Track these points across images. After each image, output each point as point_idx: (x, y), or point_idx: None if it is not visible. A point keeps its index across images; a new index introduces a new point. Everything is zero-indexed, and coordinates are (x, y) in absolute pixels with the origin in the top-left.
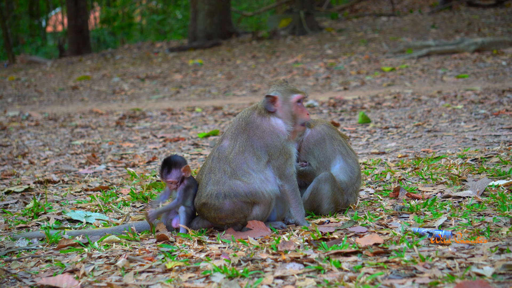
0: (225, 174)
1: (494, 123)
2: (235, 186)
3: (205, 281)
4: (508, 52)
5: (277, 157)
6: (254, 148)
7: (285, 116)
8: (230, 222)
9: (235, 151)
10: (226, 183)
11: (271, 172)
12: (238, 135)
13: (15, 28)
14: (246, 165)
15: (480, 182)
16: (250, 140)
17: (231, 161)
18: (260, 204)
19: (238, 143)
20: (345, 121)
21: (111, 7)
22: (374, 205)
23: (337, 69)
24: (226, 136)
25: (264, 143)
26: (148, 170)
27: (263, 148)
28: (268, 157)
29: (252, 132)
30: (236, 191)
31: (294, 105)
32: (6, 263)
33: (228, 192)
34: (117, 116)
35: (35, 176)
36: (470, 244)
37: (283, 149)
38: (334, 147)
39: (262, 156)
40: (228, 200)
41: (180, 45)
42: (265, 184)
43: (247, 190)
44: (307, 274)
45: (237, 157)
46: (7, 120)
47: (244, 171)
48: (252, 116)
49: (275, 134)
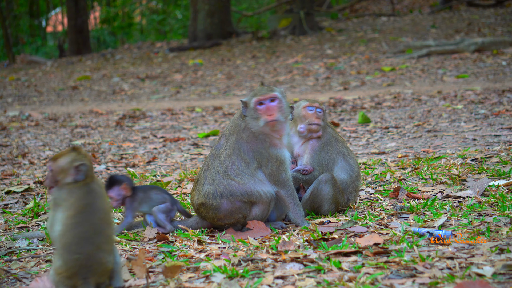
0: (218, 173)
1: (494, 123)
2: (229, 186)
3: (205, 281)
4: (508, 52)
5: (266, 164)
6: (241, 152)
7: (252, 119)
8: (229, 222)
9: (226, 153)
10: (221, 182)
11: (263, 176)
12: (230, 136)
13: (15, 28)
14: (236, 167)
15: (480, 182)
16: (237, 143)
17: (222, 162)
18: (258, 204)
19: (229, 144)
20: (345, 121)
21: (111, 7)
22: (374, 205)
23: (337, 69)
24: (224, 134)
25: (250, 147)
26: (148, 170)
27: (251, 153)
28: (257, 163)
29: (239, 135)
30: (232, 191)
31: (255, 108)
32: (6, 263)
33: (224, 192)
34: (117, 116)
35: (35, 176)
36: (470, 244)
37: (269, 156)
38: (339, 148)
39: (250, 161)
40: (225, 200)
41: (180, 45)
42: (260, 185)
43: (242, 190)
44: (307, 274)
45: (227, 158)
46: (7, 120)
47: (235, 172)
48: (239, 119)
49: (261, 140)
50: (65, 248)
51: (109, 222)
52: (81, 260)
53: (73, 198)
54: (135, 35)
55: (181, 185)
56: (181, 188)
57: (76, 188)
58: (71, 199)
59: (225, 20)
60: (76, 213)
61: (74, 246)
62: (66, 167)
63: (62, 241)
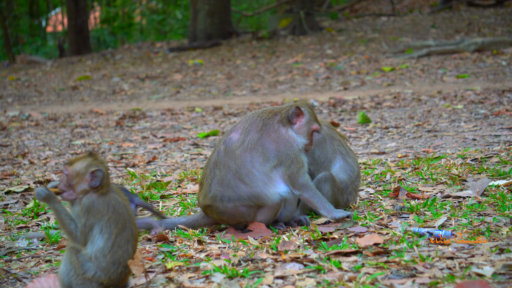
0: (229, 171)
1: (494, 123)
2: (238, 189)
3: (205, 281)
4: (508, 52)
5: (289, 166)
6: (264, 149)
7: (300, 134)
8: (233, 223)
9: (243, 147)
10: (230, 184)
11: (278, 177)
12: (251, 132)
13: (15, 28)
14: (251, 164)
15: (480, 182)
16: (262, 140)
17: (237, 157)
18: (265, 208)
19: (248, 139)
20: (345, 121)
21: (111, 7)
22: (374, 205)
23: (337, 69)
24: (236, 129)
25: (276, 147)
26: (148, 170)
27: (274, 152)
28: (277, 162)
29: (267, 133)
30: (240, 194)
31: (310, 132)
32: (6, 263)
33: (232, 196)
34: (117, 116)
35: (35, 176)
36: (470, 244)
37: (295, 158)
38: (334, 147)
39: (271, 159)
40: (231, 203)
41: (180, 45)
42: (268, 187)
43: (249, 193)
44: (307, 274)
45: (244, 153)
46: (7, 120)
47: (248, 170)
48: (273, 120)
49: (290, 143)
50: (114, 263)
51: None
52: (123, 273)
53: (110, 212)
54: (135, 35)
55: (181, 185)
56: (181, 188)
57: (110, 199)
58: (109, 213)
59: (225, 20)
60: (119, 231)
61: (120, 260)
62: (82, 172)
63: (109, 256)
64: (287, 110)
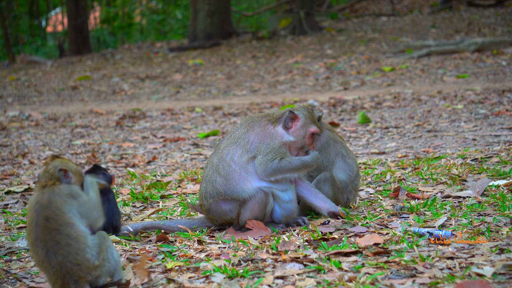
0: (212, 166)
1: (494, 123)
2: (216, 183)
3: (205, 281)
4: (508, 52)
5: (266, 154)
6: (247, 142)
7: (296, 138)
8: (221, 222)
9: (228, 142)
10: (210, 179)
11: (254, 169)
12: (239, 129)
13: (15, 28)
14: (230, 156)
15: (480, 182)
16: (247, 134)
17: (220, 151)
18: (248, 203)
19: (234, 135)
20: (345, 121)
21: (111, 7)
22: (374, 205)
23: (337, 69)
24: (230, 131)
25: (260, 140)
26: (148, 170)
27: (256, 144)
28: (256, 153)
29: (252, 129)
30: (217, 188)
31: (309, 135)
32: (6, 263)
33: (211, 191)
34: (117, 116)
35: (35, 176)
36: (470, 244)
37: (275, 149)
38: (337, 150)
39: (251, 150)
40: (212, 199)
41: (180, 45)
42: (244, 179)
43: (225, 186)
44: (307, 274)
45: (226, 147)
46: (7, 120)
47: (226, 163)
48: (262, 119)
49: (275, 136)
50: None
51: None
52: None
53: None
54: (135, 35)
55: (181, 185)
56: (181, 188)
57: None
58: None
59: (225, 20)
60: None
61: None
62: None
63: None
64: (280, 113)
